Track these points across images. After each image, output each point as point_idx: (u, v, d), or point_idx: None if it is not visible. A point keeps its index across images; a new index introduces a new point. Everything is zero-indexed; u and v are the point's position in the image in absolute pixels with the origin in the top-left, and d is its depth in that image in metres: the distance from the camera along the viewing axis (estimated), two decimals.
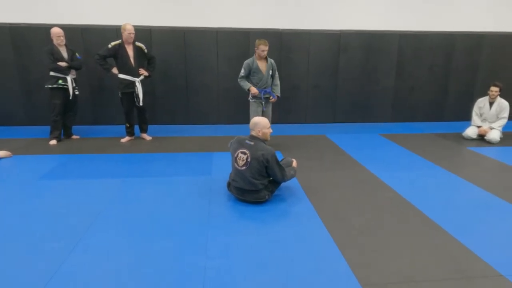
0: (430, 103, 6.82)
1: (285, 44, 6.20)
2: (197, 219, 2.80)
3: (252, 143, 2.99)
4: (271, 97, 4.66)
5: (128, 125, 5.18)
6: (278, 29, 6.14)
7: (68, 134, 5.23)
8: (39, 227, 2.64)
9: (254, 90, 4.53)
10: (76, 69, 5.00)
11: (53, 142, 4.91)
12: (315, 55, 6.32)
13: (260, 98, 4.61)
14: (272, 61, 4.70)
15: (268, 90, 4.63)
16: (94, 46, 5.43)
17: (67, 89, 4.90)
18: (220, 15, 6.07)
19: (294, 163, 3.38)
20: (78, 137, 5.29)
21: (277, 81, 4.73)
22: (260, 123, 3.04)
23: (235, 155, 3.02)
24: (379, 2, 6.43)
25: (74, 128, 5.35)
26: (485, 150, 4.88)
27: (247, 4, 6.13)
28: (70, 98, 4.95)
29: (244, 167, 2.93)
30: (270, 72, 4.62)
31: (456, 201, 3.25)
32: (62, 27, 5.16)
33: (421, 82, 6.67)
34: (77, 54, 5.02)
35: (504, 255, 2.35)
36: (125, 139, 5.19)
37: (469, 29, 6.57)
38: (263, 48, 4.45)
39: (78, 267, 2.17)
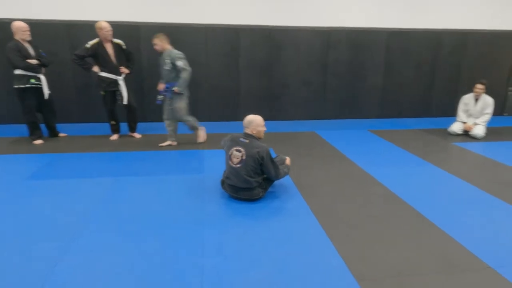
0: (417, 100, 6.95)
1: (274, 41, 6.20)
2: (192, 218, 2.80)
3: (247, 141, 3.00)
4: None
5: (114, 123, 5.11)
6: (267, 26, 6.14)
7: (54, 133, 5.11)
8: (30, 229, 2.59)
9: (160, 85, 4.62)
10: (45, 66, 4.74)
11: (38, 141, 4.77)
12: (304, 52, 6.35)
13: (164, 94, 4.58)
14: (171, 52, 4.47)
15: (168, 85, 4.52)
16: (81, 43, 5.31)
17: (40, 89, 4.65)
18: (209, 12, 6.02)
19: (288, 161, 3.40)
20: (65, 135, 5.19)
21: (180, 74, 4.44)
22: (255, 121, 3.05)
23: (230, 153, 3.02)
24: (367, 0, 6.50)
25: (60, 126, 5.23)
26: (470, 145, 5.01)
27: (236, 1, 6.10)
28: (46, 97, 4.73)
29: (239, 165, 2.94)
30: (168, 65, 4.43)
31: (443, 195, 3.34)
32: (47, 22, 5.05)
33: (408, 79, 6.79)
34: (40, 50, 4.75)
35: (491, 247, 2.43)
36: (114, 136, 5.12)
37: (454, 27, 6.71)
38: (153, 42, 4.51)
39: (74, 268, 2.15)
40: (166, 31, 5.85)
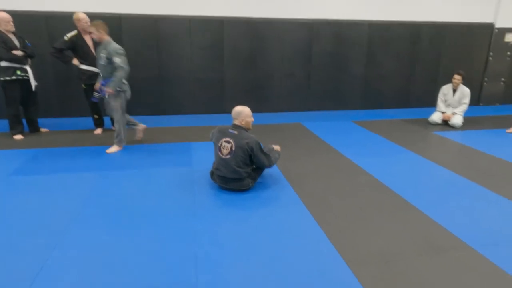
0: (397, 91, 7.13)
1: (258, 33, 6.20)
2: (182, 209, 2.81)
3: (235, 132, 3.02)
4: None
5: (97, 117, 5.02)
6: (251, 18, 6.12)
7: (35, 128, 4.97)
8: (17, 225, 2.54)
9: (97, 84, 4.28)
10: (31, 57, 4.63)
11: (19, 137, 4.62)
12: (288, 44, 6.38)
13: (99, 92, 4.23)
14: (108, 45, 3.95)
15: (103, 82, 4.09)
16: (60, 35, 5.15)
17: (26, 81, 4.55)
18: (192, 3, 5.94)
19: (277, 148, 3.44)
20: (47, 130, 5.05)
21: (115, 72, 3.90)
22: (244, 112, 3.08)
23: (219, 144, 3.04)
24: None
25: (40, 121, 5.09)
26: (449, 134, 5.21)
27: None
28: (33, 89, 4.64)
29: (228, 156, 2.96)
30: (104, 59, 3.95)
31: (425, 182, 3.48)
32: (24, 13, 4.87)
33: (389, 70, 6.94)
34: (26, 41, 4.62)
35: (471, 229, 2.57)
36: (97, 131, 5.03)
37: (432, 20, 6.89)
38: (89, 30, 4.20)
39: (65, 262, 2.13)
40: (149, 23, 5.78)
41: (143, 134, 4.65)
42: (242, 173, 3.00)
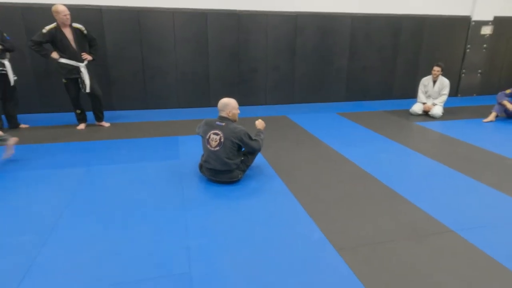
0: (380, 82, 7.27)
1: (242, 26, 6.18)
2: (172, 202, 2.81)
3: (223, 123, 3.03)
4: None
5: (79, 111, 4.92)
6: (235, 10, 6.09)
7: (15, 124, 4.83)
8: (3, 223, 2.48)
9: None
10: (10, 51, 4.52)
11: None
12: (272, 37, 6.39)
13: None
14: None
15: None
16: (38, 28, 5.00)
17: (4, 75, 4.43)
18: None
19: (260, 124, 3.41)
20: (27, 126, 4.91)
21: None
22: (230, 103, 3.09)
23: (207, 137, 3.04)
24: None
25: (19, 116, 4.94)
26: (430, 124, 5.37)
27: None
28: (12, 84, 4.51)
29: (217, 148, 2.98)
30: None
31: (408, 170, 3.60)
32: None
33: (371, 62, 7.06)
34: (5, 34, 4.49)
35: (453, 213, 2.68)
36: (81, 126, 4.93)
37: (413, 13, 7.03)
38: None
39: (55, 258, 2.11)
40: (131, 15, 5.66)
41: (13, 151, 3.65)
42: (231, 165, 3.02)
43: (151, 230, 2.41)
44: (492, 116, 5.54)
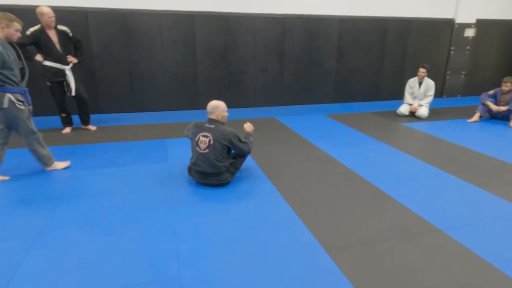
0: (367, 84, 7.36)
1: (230, 28, 6.18)
2: (161, 205, 2.78)
3: (212, 126, 3.02)
4: None
5: (64, 115, 4.83)
6: (223, 13, 6.08)
7: None
8: None
9: None
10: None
11: None
12: (260, 39, 6.40)
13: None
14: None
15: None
16: (22, 29, 4.89)
17: None
18: None
19: (248, 127, 3.41)
20: None
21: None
22: (220, 106, 3.08)
23: (196, 139, 3.02)
24: None
25: None
26: (416, 125, 5.45)
27: None
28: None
29: (207, 150, 2.96)
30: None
31: (396, 170, 3.64)
32: None
33: (359, 64, 7.15)
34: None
35: (440, 212, 2.72)
36: (66, 130, 4.84)
37: (399, 15, 7.15)
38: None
39: (40, 264, 2.05)
40: (117, 18, 5.60)
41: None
42: (221, 167, 3.00)
43: (140, 234, 2.38)
44: (476, 117, 5.66)
